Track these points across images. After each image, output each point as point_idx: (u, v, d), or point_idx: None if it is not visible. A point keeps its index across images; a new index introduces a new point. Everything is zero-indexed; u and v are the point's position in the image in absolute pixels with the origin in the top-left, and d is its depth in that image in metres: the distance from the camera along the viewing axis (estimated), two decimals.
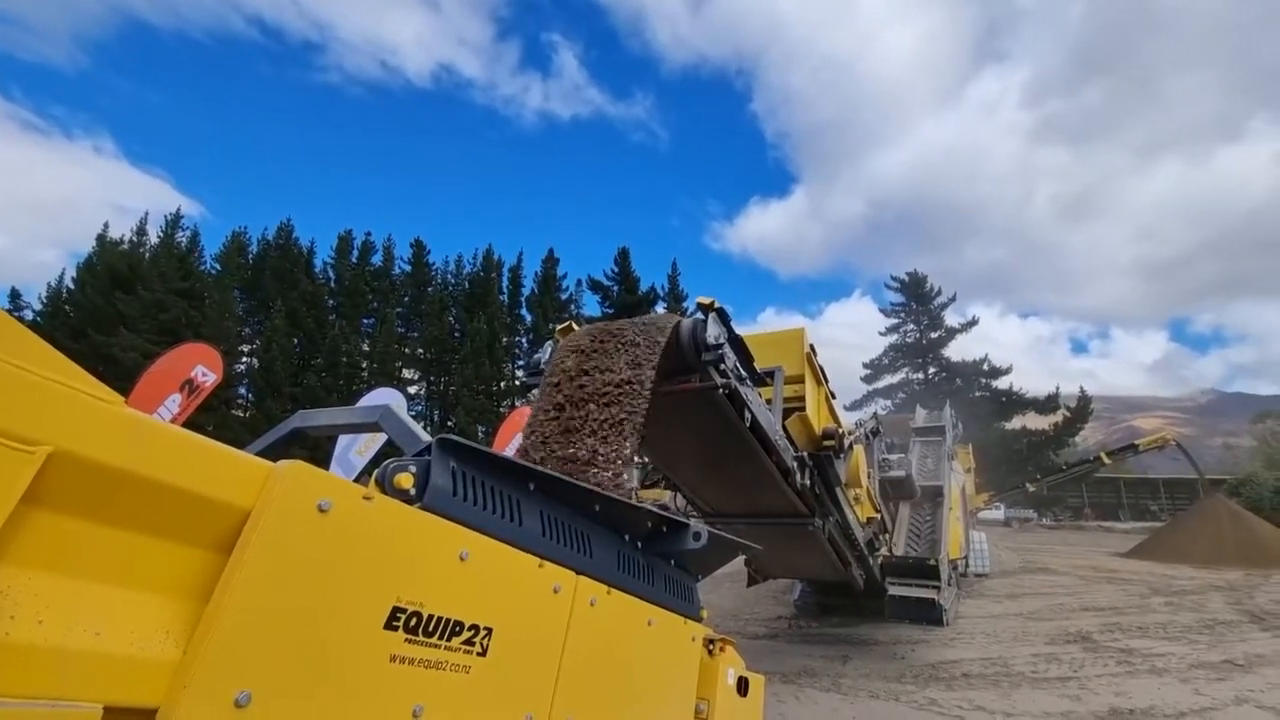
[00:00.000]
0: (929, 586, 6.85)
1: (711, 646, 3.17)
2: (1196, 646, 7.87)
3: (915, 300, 52.19)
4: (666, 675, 2.54)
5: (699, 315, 3.73)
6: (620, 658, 2.14)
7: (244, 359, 51.87)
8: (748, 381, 4.02)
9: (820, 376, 5.42)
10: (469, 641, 1.41)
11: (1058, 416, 45.70)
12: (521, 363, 49.77)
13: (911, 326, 52.14)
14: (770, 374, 4.92)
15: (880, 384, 51.97)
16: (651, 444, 5.27)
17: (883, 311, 53.90)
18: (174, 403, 9.26)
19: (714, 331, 3.61)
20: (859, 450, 5.90)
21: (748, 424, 4.08)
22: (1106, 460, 23.78)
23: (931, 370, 50.53)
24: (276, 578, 0.94)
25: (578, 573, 1.87)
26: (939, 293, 51.54)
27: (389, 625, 1.14)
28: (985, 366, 47.83)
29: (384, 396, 14.30)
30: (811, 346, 5.59)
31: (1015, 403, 46.86)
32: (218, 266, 54.67)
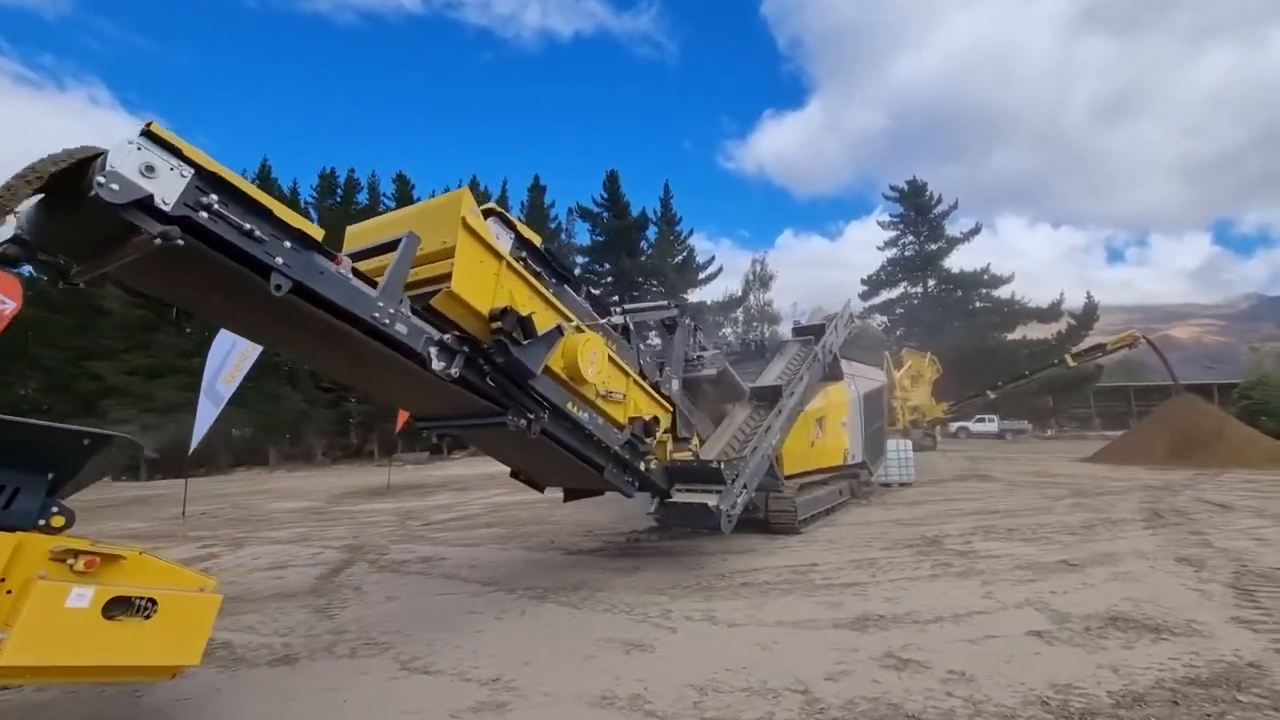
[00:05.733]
0: (709, 491, 6.15)
1: (73, 561, 2.49)
2: (1048, 547, 7.13)
3: (914, 210, 49.52)
4: None
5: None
6: None
7: None
8: (238, 226, 3.12)
9: (497, 251, 4.53)
10: None
11: (1061, 325, 43.81)
12: None
13: (910, 239, 49.72)
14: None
15: (878, 299, 50.22)
16: (261, 335, 4.55)
17: (880, 224, 51.44)
18: None
19: (130, 161, 2.77)
20: (581, 340, 5.08)
21: (279, 289, 3.27)
22: (1071, 362, 22.46)
23: (931, 283, 48.49)
24: None
25: None
26: (939, 201, 48.76)
27: None
28: (985, 276, 45.70)
29: None
30: (486, 212, 4.70)
31: (1017, 313, 44.96)
32: None
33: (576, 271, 53.10)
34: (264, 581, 6.79)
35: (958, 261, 47.66)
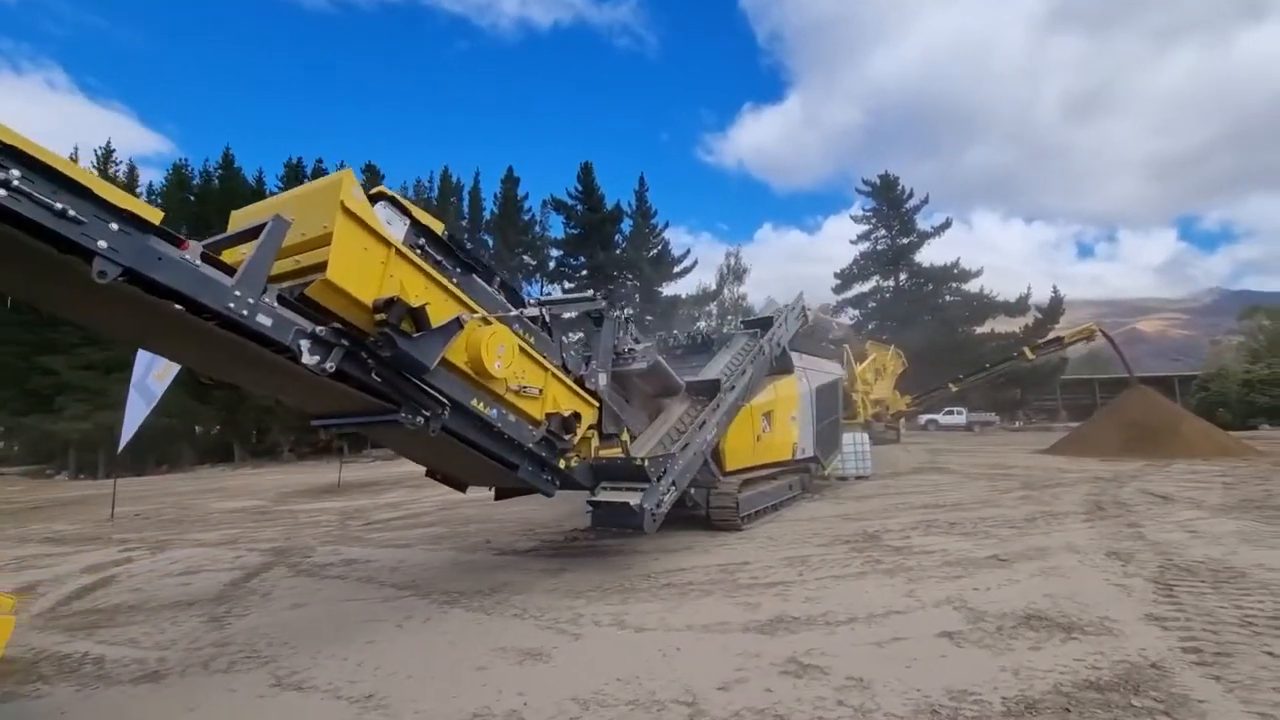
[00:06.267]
0: (633, 489, 5.95)
1: None
2: (983, 542, 7.05)
3: (887, 204, 49.80)
4: None
5: None
6: None
7: None
8: (46, 205, 2.80)
9: (384, 238, 4.24)
10: None
11: (1028, 318, 44.46)
12: None
13: (882, 232, 50.02)
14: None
15: (850, 293, 50.51)
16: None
17: (853, 218, 51.70)
18: None
19: None
20: (487, 332, 4.82)
21: (103, 276, 2.96)
22: (1031, 355, 22.74)
23: (902, 277, 48.86)
24: None
25: None
26: (910, 195, 49.10)
27: None
28: (955, 270, 46.16)
29: None
30: (376, 196, 4.41)
31: (986, 306, 45.51)
32: (159, 203, 52.50)
33: (550, 264, 52.43)
34: (169, 588, 6.44)
35: (929, 255, 48.19)
